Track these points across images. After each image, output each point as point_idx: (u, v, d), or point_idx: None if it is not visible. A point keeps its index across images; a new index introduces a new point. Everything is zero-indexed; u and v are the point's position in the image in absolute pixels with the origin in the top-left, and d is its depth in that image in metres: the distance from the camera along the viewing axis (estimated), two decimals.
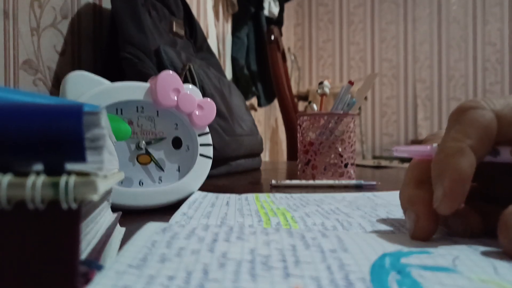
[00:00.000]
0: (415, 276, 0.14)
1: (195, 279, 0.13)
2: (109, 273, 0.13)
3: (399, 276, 0.14)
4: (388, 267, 0.15)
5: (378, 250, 0.17)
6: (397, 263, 0.15)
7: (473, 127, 0.20)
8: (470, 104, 0.20)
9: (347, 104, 0.59)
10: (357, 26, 3.24)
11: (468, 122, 0.20)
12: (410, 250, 0.17)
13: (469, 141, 0.19)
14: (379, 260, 0.15)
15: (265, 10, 1.76)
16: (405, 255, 0.16)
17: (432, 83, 3.09)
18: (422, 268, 0.15)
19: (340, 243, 0.17)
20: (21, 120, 0.12)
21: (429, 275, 0.14)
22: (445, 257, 0.16)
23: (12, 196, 0.12)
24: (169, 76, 0.35)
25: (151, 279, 0.13)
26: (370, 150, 3.15)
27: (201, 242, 0.16)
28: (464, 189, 0.19)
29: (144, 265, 0.14)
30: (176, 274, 0.13)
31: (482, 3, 2.99)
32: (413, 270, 0.15)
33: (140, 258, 0.14)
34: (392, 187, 0.52)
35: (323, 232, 0.19)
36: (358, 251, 0.16)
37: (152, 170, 0.37)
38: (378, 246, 0.17)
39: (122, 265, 0.13)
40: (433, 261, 0.16)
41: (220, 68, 0.92)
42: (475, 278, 0.14)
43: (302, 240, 0.17)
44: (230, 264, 0.14)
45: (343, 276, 0.14)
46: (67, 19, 0.64)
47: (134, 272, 0.13)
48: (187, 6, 0.86)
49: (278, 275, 0.14)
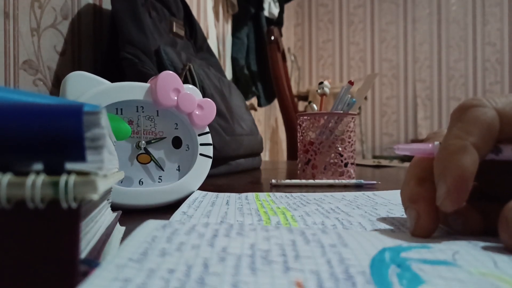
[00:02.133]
0: (415, 269, 0.14)
1: (195, 273, 0.13)
2: (110, 266, 0.13)
3: (399, 270, 0.14)
4: (388, 261, 0.15)
5: (378, 245, 0.17)
6: (397, 257, 0.15)
7: (476, 125, 0.20)
8: (472, 102, 0.20)
9: (347, 104, 0.59)
10: (357, 26, 3.24)
11: (471, 120, 0.20)
12: (410, 245, 0.17)
13: (471, 138, 0.19)
14: (379, 254, 0.15)
15: (265, 11, 1.76)
16: (405, 250, 0.16)
17: (432, 83, 3.09)
18: (422, 261, 0.15)
19: (340, 239, 0.17)
20: (21, 120, 0.12)
21: (429, 268, 0.14)
22: (445, 251, 0.16)
23: (12, 195, 0.12)
24: (169, 76, 0.35)
25: (152, 273, 0.13)
26: (370, 149, 3.15)
27: (201, 238, 0.16)
28: (468, 186, 0.19)
29: (145, 259, 0.14)
30: (176, 268, 0.13)
31: (482, 3, 2.99)
32: (413, 264, 0.15)
33: (140, 252, 0.14)
34: (392, 186, 0.52)
35: (323, 229, 0.19)
36: (358, 246, 0.16)
37: (152, 170, 0.37)
38: (377, 242, 0.17)
39: (122, 259, 0.13)
40: (433, 255, 0.16)
41: (220, 68, 0.92)
42: (475, 272, 0.14)
43: (302, 236, 0.17)
44: (230, 258, 0.14)
45: (343, 270, 0.14)
46: (67, 19, 0.64)
47: (134, 266, 0.13)
48: (187, 7, 0.86)
49: (278, 269, 0.14)
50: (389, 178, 0.67)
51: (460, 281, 0.13)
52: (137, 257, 0.14)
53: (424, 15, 3.10)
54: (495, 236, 0.18)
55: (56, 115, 0.12)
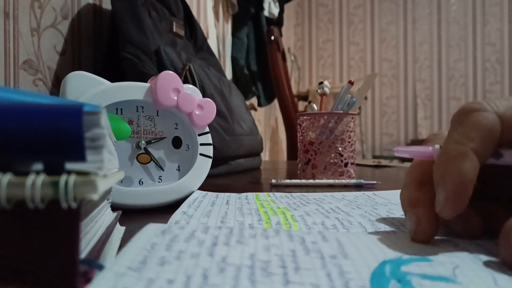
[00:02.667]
0: (415, 285, 0.14)
1: (195, 284, 0.13)
2: (109, 274, 0.13)
3: (400, 285, 0.14)
4: (388, 275, 0.15)
5: (378, 256, 0.16)
6: (398, 271, 0.15)
7: (476, 130, 0.19)
8: (473, 106, 0.20)
9: (347, 103, 0.59)
10: (357, 26, 3.24)
11: (471, 125, 0.20)
12: (410, 257, 0.17)
13: (472, 144, 0.19)
14: (379, 267, 0.15)
15: (265, 11, 1.76)
16: (405, 263, 0.16)
17: (432, 83, 3.09)
18: (422, 277, 0.15)
19: (340, 248, 0.17)
20: (21, 120, 0.12)
21: (429, 284, 0.14)
22: (446, 265, 0.16)
23: (12, 195, 0.12)
24: (169, 76, 0.35)
25: (151, 282, 0.13)
26: (370, 149, 3.15)
27: (200, 246, 0.16)
28: (467, 193, 0.19)
29: (144, 268, 0.14)
30: (175, 278, 0.13)
31: (482, 3, 2.99)
32: (413, 279, 0.14)
33: (139, 260, 0.14)
34: (392, 186, 0.52)
35: (323, 234, 0.19)
36: (358, 256, 0.16)
37: (152, 170, 0.37)
38: (378, 251, 0.17)
39: (121, 267, 0.13)
40: (433, 269, 0.16)
41: (220, 68, 0.92)
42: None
43: (302, 245, 0.17)
44: (230, 269, 0.14)
45: (343, 283, 0.14)
46: (67, 19, 0.64)
47: (133, 275, 0.13)
48: (187, 7, 0.86)
49: (278, 282, 0.13)
50: (389, 178, 0.67)
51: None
52: (136, 265, 0.14)
53: (424, 15, 3.10)
54: (495, 237, 0.18)
55: (56, 115, 0.12)
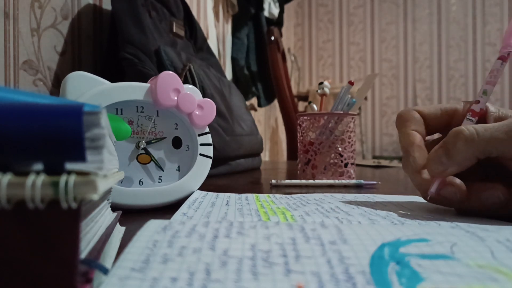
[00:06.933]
0: (414, 266, 0.14)
1: (198, 280, 0.13)
2: (113, 279, 0.13)
3: (398, 267, 0.14)
4: (387, 258, 0.15)
5: (377, 240, 0.17)
6: (396, 253, 0.15)
7: (411, 121, 0.33)
8: (404, 111, 0.34)
9: (347, 104, 0.59)
10: (357, 26, 3.24)
11: (409, 118, 0.33)
12: (408, 238, 0.17)
13: (413, 127, 0.33)
14: (378, 250, 0.16)
15: (265, 11, 1.76)
16: (403, 244, 0.16)
17: (432, 83, 3.09)
18: (421, 257, 0.15)
19: (339, 234, 0.17)
20: (21, 120, 0.12)
21: (428, 263, 0.14)
22: (443, 244, 0.16)
23: (12, 195, 0.12)
24: (169, 76, 0.35)
25: (155, 282, 0.13)
26: (370, 150, 3.15)
27: (202, 240, 0.16)
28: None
29: (147, 268, 0.14)
30: (179, 275, 0.13)
31: (482, 3, 2.99)
32: (412, 260, 0.15)
33: (142, 260, 0.14)
34: (392, 186, 0.52)
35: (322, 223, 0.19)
36: (357, 241, 0.16)
37: (152, 170, 0.37)
38: (377, 234, 0.17)
39: (125, 269, 0.13)
40: (431, 249, 0.16)
41: (220, 68, 0.92)
42: (473, 264, 0.14)
43: (302, 232, 0.17)
44: (232, 262, 0.14)
45: (343, 270, 0.14)
46: (67, 19, 0.64)
47: (137, 276, 0.13)
48: (187, 7, 0.86)
49: (280, 272, 0.14)
50: (389, 178, 0.67)
51: (458, 275, 0.14)
52: (140, 265, 0.14)
53: (424, 15, 3.10)
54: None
55: (56, 115, 0.12)
